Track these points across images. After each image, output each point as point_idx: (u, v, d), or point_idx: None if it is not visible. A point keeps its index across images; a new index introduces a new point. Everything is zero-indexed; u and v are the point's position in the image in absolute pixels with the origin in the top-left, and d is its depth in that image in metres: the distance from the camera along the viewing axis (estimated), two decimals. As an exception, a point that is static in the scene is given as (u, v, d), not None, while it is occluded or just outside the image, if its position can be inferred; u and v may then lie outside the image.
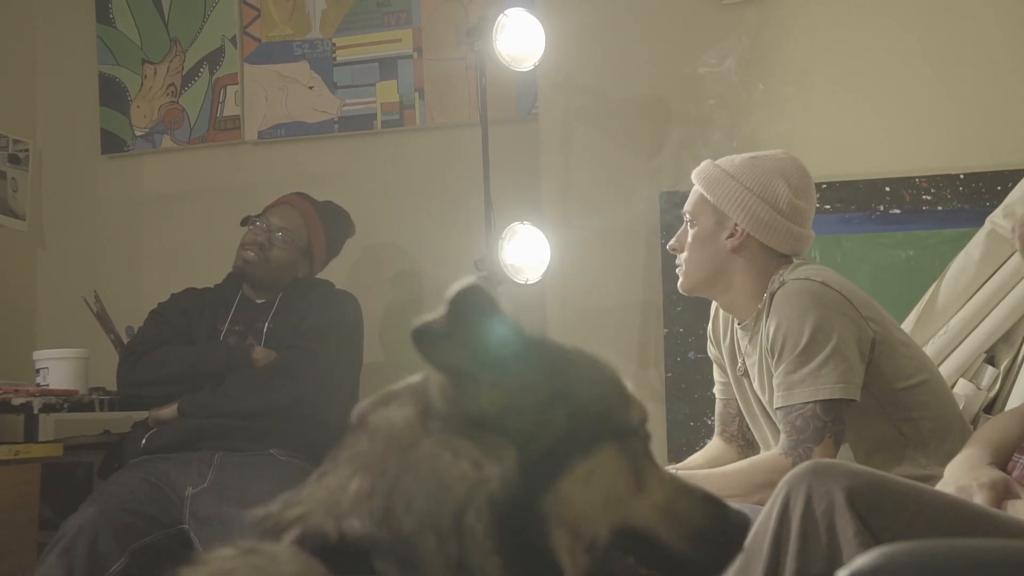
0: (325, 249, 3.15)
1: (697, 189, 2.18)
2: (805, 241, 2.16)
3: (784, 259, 2.14)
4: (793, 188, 2.12)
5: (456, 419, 0.84)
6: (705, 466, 2.21)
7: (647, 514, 0.89)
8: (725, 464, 2.13)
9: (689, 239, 2.17)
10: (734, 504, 0.96)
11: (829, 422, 1.92)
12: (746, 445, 2.30)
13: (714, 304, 2.30)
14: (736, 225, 2.11)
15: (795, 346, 1.96)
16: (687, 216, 2.19)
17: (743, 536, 0.94)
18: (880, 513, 1.36)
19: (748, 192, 2.10)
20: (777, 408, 2.00)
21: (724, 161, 2.18)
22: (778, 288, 2.04)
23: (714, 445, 2.36)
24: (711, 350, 2.35)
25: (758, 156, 2.17)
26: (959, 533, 1.32)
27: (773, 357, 2.01)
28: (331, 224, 3.16)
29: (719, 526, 0.93)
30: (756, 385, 2.15)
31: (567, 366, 0.89)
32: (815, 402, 1.92)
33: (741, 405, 2.25)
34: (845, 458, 1.99)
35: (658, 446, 2.38)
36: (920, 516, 1.36)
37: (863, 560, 0.95)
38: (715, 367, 2.36)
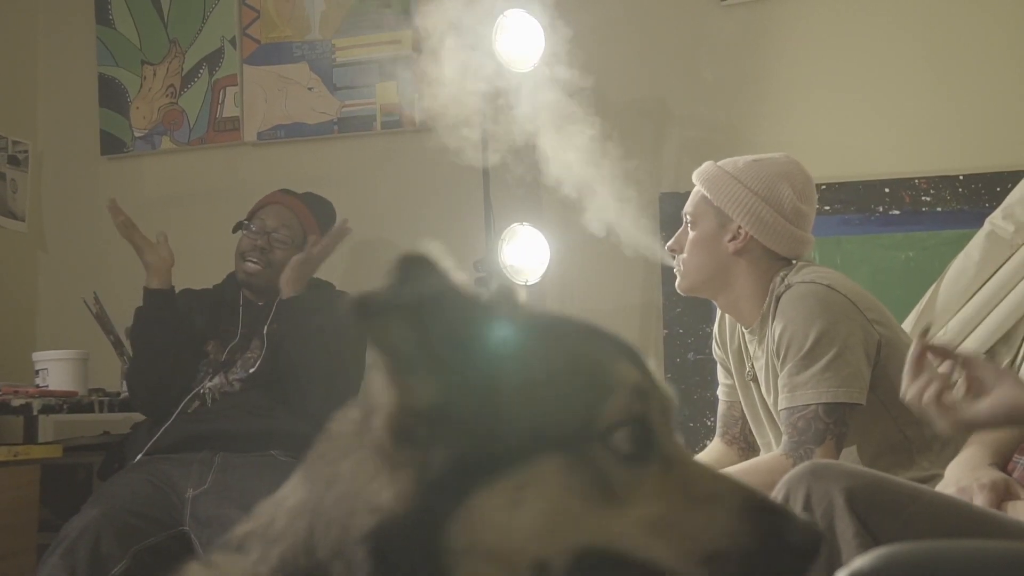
0: None
1: (699, 190, 2.18)
2: (806, 245, 2.16)
3: (784, 261, 2.14)
4: (797, 192, 2.12)
5: (386, 424, 0.72)
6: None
7: (628, 532, 0.71)
8: (725, 467, 2.13)
9: (689, 240, 2.16)
10: None
11: (831, 424, 1.92)
12: (747, 448, 2.30)
13: None
14: (739, 228, 2.10)
15: (799, 349, 1.96)
16: (687, 217, 2.18)
17: (804, 560, 0.73)
18: (879, 514, 1.36)
19: (752, 195, 2.10)
20: (781, 409, 2.00)
21: (727, 163, 2.17)
22: (784, 291, 2.04)
23: (715, 447, 2.36)
24: (716, 352, 2.34)
25: (761, 159, 2.16)
26: (958, 534, 1.32)
27: (778, 359, 2.01)
28: (319, 215, 3.16)
29: (762, 545, 0.72)
30: (763, 388, 2.14)
31: (519, 357, 0.74)
32: (818, 404, 1.93)
33: (746, 409, 2.25)
34: (851, 461, 1.98)
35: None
36: (919, 517, 1.36)
37: (862, 561, 0.95)
38: (720, 368, 2.35)
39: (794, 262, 2.14)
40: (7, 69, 3.80)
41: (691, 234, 2.16)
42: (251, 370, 2.89)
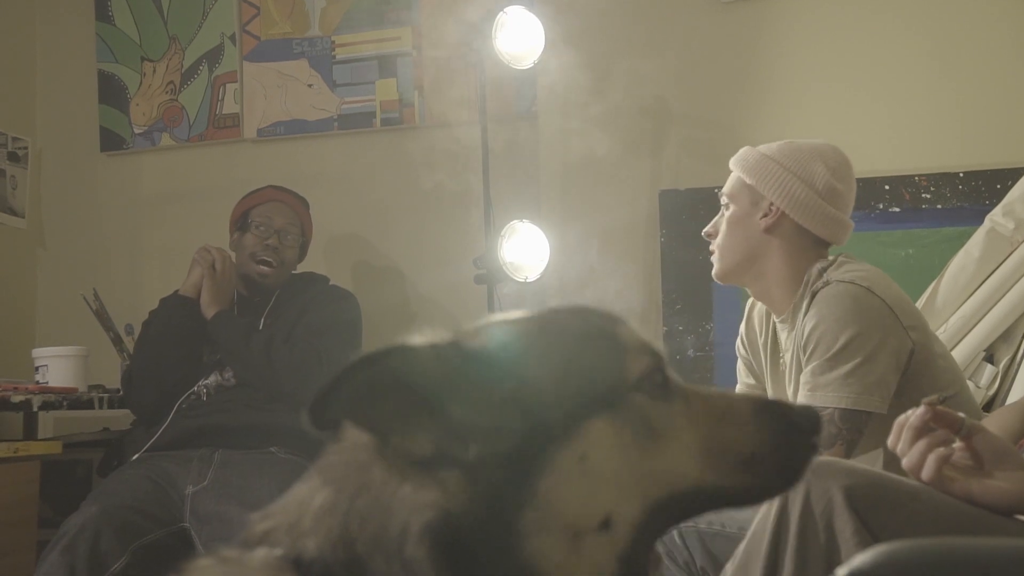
0: (310, 239, 3.16)
1: (736, 174, 2.17)
2: (842, 227, 2.12)
3: (821, 245, 2.11)
4: (831, 170, 2.09)
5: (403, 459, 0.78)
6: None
7: (680, 461, 0.81)
8: None
9: (724, 220, 2.15)
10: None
11: (844, 430, 1.90)
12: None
13: (749, 303, 2.27)
14: (770, 204, 2.08)
15: (828, 349, 1.93)
16: (724, 200, 2.17)
17: (813, 433, 0.86)
18: (879, 512, 1.36)
19: (783, 170, 2.08)
20: (798, 405, 1.97)
21: (763, 146, 2.16)
22: (821, 287, 2.00)
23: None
24: (740, 350, 2.30)
25: (798, 140, 2.15)
26: (958, 532, 1.32)
27: (805, 354, 1.99)
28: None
29: (779, 436, 0.85)
30: (787, 379, 2.13)
31: (526, 352, 0.80)
32: (835, 408, 1.90)
33: (772, 394, 2.22)
34: (876, 467, 1.97)
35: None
36: (919, 514, 1.35)
37: (862, 558, 0.94)
38: (741, 366, 2.32)
39: (840, 255, 2.10)
40: (6, 65, 3.80)
41: (726, 216, 2.16)
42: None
